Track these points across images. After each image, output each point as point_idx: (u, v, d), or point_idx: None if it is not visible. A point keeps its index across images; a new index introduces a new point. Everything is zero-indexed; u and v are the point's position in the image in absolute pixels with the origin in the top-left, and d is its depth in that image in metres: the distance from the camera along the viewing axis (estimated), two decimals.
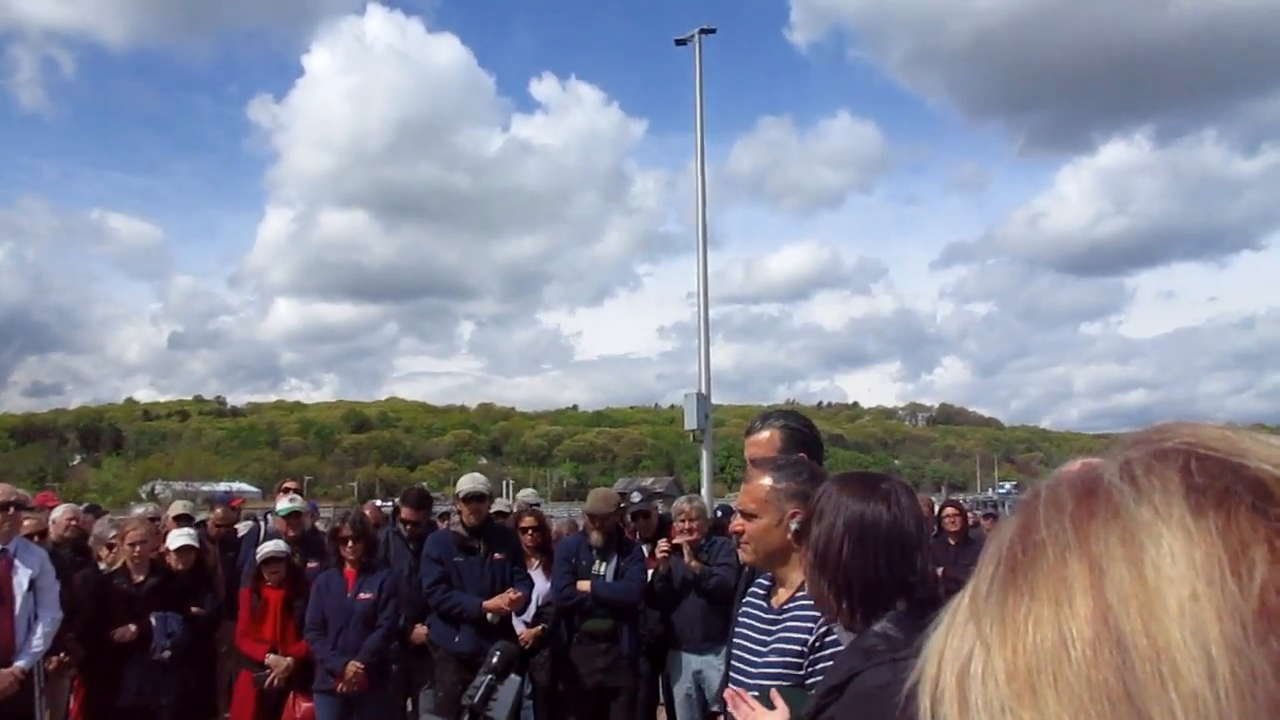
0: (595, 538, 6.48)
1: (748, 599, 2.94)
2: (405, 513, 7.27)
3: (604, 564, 6.43)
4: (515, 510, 8.56)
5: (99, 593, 6.30)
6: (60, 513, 8.00)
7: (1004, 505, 29.17)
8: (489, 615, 6.19)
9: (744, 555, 2.87)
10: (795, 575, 2.61)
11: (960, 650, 0.47)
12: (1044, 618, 0.44)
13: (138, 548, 6.40)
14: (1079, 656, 0.43)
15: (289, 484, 10.18)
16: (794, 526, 2.10)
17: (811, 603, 2.33)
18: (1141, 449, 0.48)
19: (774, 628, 2.71)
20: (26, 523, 7.03)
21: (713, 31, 18.16)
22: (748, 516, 2.71)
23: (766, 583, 2.86)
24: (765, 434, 3.30)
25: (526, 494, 11.23)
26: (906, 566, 2.14)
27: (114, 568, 6.49)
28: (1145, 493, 0.45)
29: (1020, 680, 0.44)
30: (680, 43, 18.40)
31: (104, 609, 6.25)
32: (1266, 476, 0.44)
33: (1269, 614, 0.41)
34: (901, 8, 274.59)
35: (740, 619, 2.90)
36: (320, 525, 8.98)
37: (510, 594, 6.24)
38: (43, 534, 7.31)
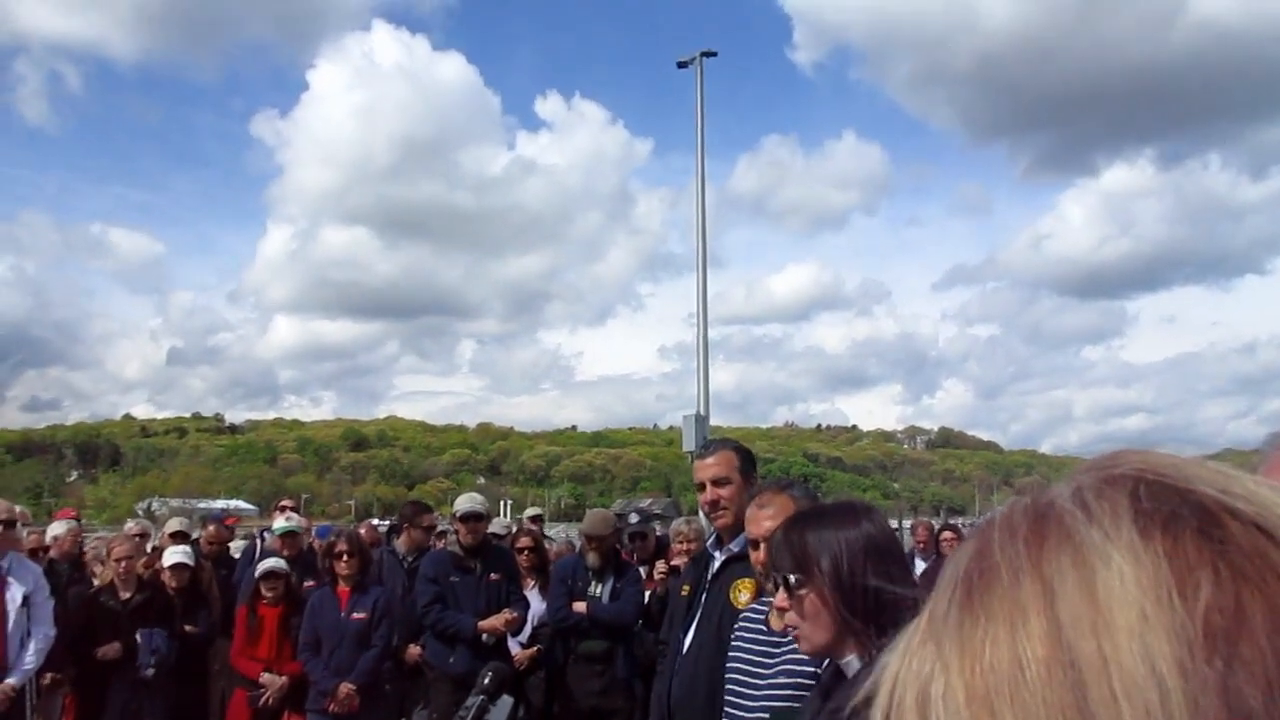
0: (592, 559, 6.46)
1: (742, 621, 2.92)
2: (415, 535, 7.28)
3: (600, 585, 6.41)
4: (515, 529, 8.56)
5: (86, 609, 6.29)
6: (59, 529, 7.98)
7: None
8: (484, 636, 6.17)
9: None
10: None
11: (920, 672, 0.48)
12: (1000, 639, 0.46)
13: (123, 564, 6.39)
14: (1034, 676, 0.44)
15: (285, 502, 10.15)
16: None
17: None
18: (1093, 475, 0.49)
19: (778, 650, 2.69)
20: (31, 537, 7.03)
21: (714, 54, 18.33)
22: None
23: (764, 605, 2.85)
24: (722, 454, 3.49)
25: (530, 513, 11.37)
26: (909, 578, 2.16)
27: (102, 584, 6.48)
28: (1096, 516, 0.47)
29: (978, 701, 0.45)
30: (682, 65, 18.55)
31: (91, 626, 6.23)
32: (1211, 502, 0.46)
33: (1213, 635, 0.42)
34: (905, 29, 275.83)
35: (735, 642, 2.89)
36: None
37: (506, 614, 6.22)
38: (45, 549, 7.32)
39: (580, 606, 6.33)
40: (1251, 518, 0.45)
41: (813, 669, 2.51)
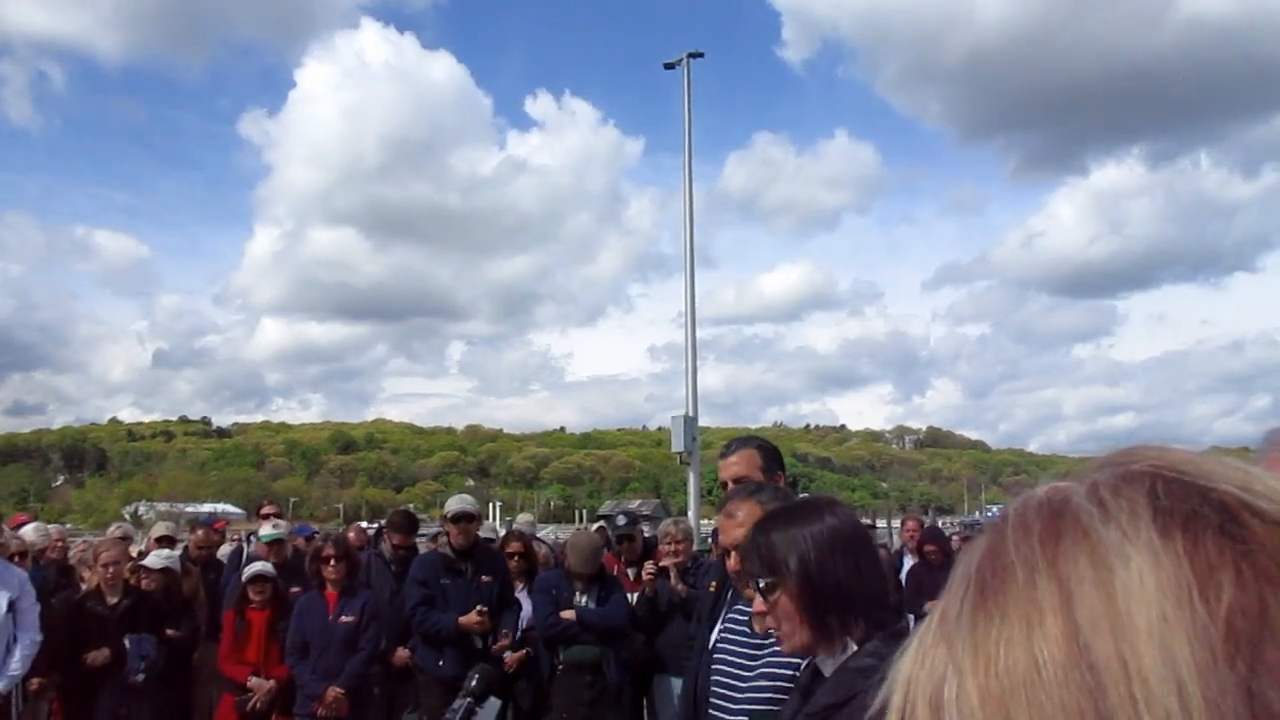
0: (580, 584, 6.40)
1: (726, 624, 2.92)
2: (396, 539, 7.21)
3: (585, 595, 6.36)
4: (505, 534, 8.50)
5: (73, 615, 6.24)
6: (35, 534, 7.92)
7: None
8: (475, 640, 6.13)
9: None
10: None
11: (932, 675, 0.47)
12: (1015, 640, 0.45)
13: (110, 569, 6.34)
14: (1051, 678, 0.43)
15: (268, 509, 9.43)
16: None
17: None
18: (1109, 471, 0.48)
19: (761, 652, 2.69)
20: (14, 543, 6.97)
21: (700, 55, 18.33)
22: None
23: (748, 608, 2.84)
24: (744, 453, 3.44)
25: (524, 519, 11.24)
26: (879, 570, 2.16)
27: (89, 589, 6.44)
28: (1113, 515, 0.45)
29: (993, 703, 0.44)
30: (669, 66, 18.56)
31: (78, 631, 6.18)
32: (1232, 500, 0.45)
33: (1235, 637, 0.41)
34: (896, 26, 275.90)
35: (720, 644, 2.88)
36: None
37: (478, 610, 6.10)
38: (23, 555, 7.25)
39: (569, 614, 6.27)
40: (1274, 517, 0.44)
41: (792, 671, 2.50)
